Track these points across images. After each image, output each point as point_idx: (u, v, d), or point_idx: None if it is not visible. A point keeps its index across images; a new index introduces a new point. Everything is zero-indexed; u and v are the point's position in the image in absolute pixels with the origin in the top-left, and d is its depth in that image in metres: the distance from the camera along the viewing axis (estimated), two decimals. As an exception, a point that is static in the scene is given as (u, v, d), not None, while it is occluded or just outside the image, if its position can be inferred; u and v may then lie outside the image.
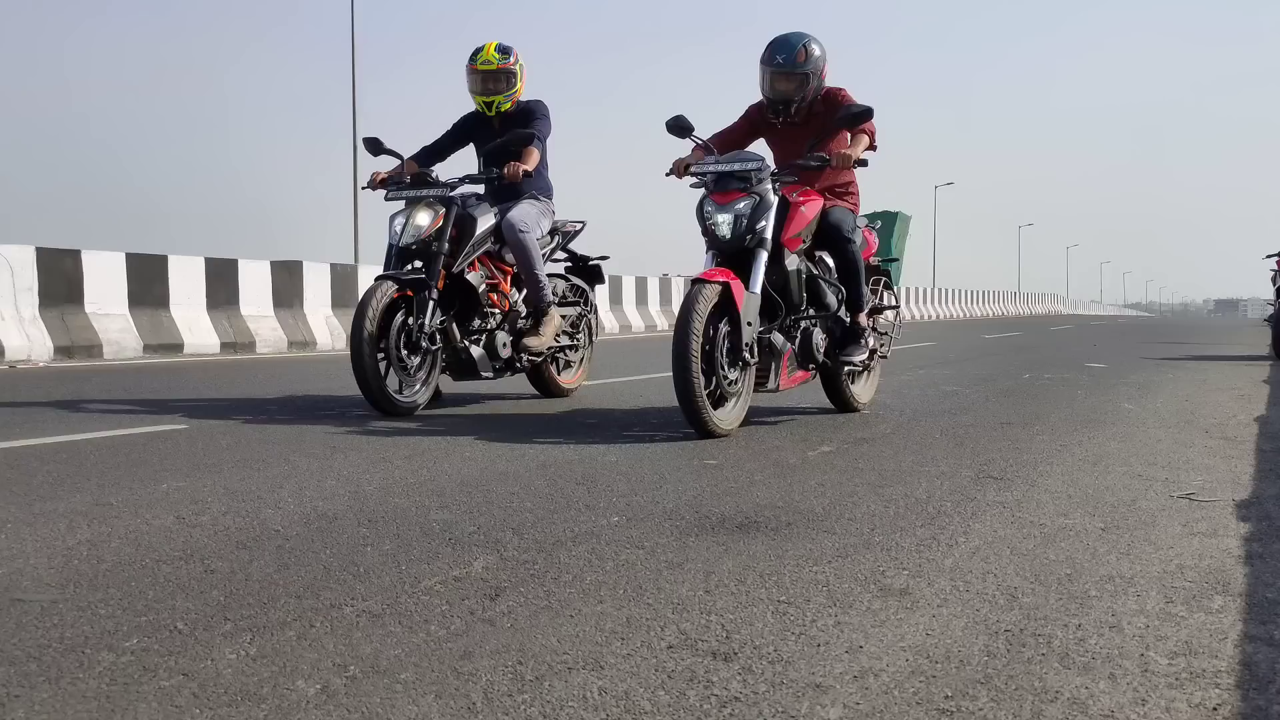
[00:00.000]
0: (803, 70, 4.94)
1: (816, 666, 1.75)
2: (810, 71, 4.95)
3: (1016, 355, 11.69)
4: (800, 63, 4.94)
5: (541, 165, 5.85)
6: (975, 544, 2.62)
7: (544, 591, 2.17)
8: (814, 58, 4.96)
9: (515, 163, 5.58)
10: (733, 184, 4.70)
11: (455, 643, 1.86)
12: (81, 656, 1.78)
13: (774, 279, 4.77)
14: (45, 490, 3.23)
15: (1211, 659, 1.81)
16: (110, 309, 10.09)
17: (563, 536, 2.66)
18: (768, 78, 5.03)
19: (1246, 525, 2.87)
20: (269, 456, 3.92)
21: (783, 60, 4.96)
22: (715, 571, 2.34)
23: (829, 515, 2.94)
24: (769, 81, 5.04)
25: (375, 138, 5.74)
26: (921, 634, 1.92)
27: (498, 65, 5.72)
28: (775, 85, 5.01)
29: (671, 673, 1.73)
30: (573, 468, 3.73)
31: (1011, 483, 3.49)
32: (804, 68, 4.94)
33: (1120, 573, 2.36)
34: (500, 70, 5.73)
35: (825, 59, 5.01)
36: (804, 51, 4.94)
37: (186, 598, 2.11)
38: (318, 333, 12.22)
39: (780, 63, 4.96)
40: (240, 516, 2.88)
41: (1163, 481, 3.54)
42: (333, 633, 1.91)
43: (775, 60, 4.97)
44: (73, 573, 2.30)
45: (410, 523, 2.81)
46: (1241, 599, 2.17)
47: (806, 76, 4.96)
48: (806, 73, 4.95)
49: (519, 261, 5.70)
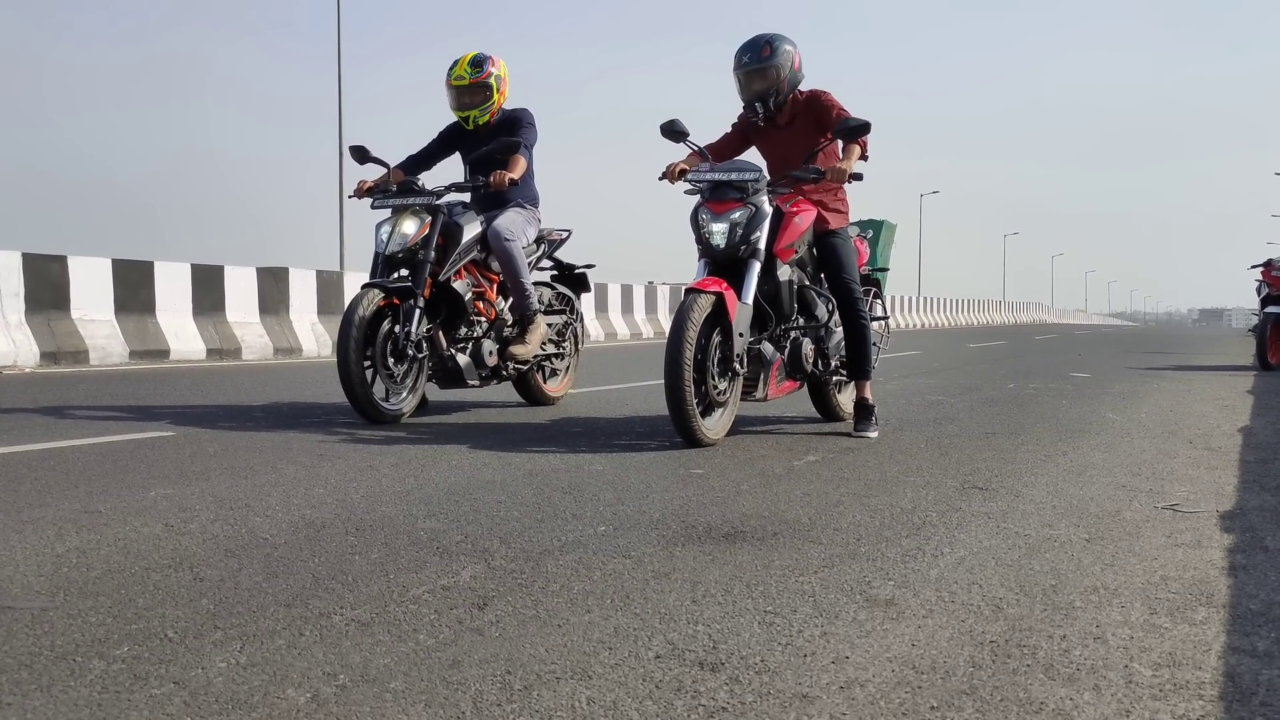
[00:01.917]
0: (772, 64, 4.98)
1: (803, 677, 1.77)
2: (779, 64, 4.99)
3: (1001, 364, 11.73)
4: (766, 57, 4.98)
5: (527, 173, 5.86)
6: (960, 554, 2.64)
7: (532, 601, 2.18)
8: (780, 50, 4.99)
9: (501, 171, 5.59)
10: (729, 193, 4.72)
11: (444, 652, 1.87)
12: (73, 664, 1.79)
13: (765, 289, 4.79)
14: (34, 497, 3.23)
15: (1195, 670, 1.83)
16: (96, 315, 10.06)
17: (550, 546, 2.67)
18: (741, 81, 5.09)
19: (1230, 536, 2.89)
20: (256, 464, 3.92)
21: (749, 60, 5.01)
22: (702, 581, 2.35)
23: (815, 525, 2.96)
24: (743, 84, 5.09)
25: (361, 146, 5.75)
26: (907, 644, 1.94)
27: (470, 80, 5.72)
28: (750, 86, 5.05)
29: (659, 683, 1.74)
30: (559, 476, 3.74)
31: (996, 493, 3.52)
32: (772, 60, 4.98)
33: (1105, 584, 2.38)
34: (474, 84, 5.73)
35: (796, 52, 5.05)
36: (768, 47, 4.99)
37: (176, 606, 2.12)
38: (303, 339, 12.19)
39: (747, 62, 5.01)
40: (229, 524, 2.88)
41: (1147, 492, 3.57)
42: (322, 641, 1.92)
43: (743, 61, 5.03)
44: (63, 580, 2.30)
45: (398, 531, 2.82)
46: (1225, 610, 2.19)
47: (776, 69, 5.00)
48: (775, 65, 4.99)
49: (504, 269, 5.71)
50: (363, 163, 5.75)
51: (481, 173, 5.72)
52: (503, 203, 5.79)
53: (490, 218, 5.72)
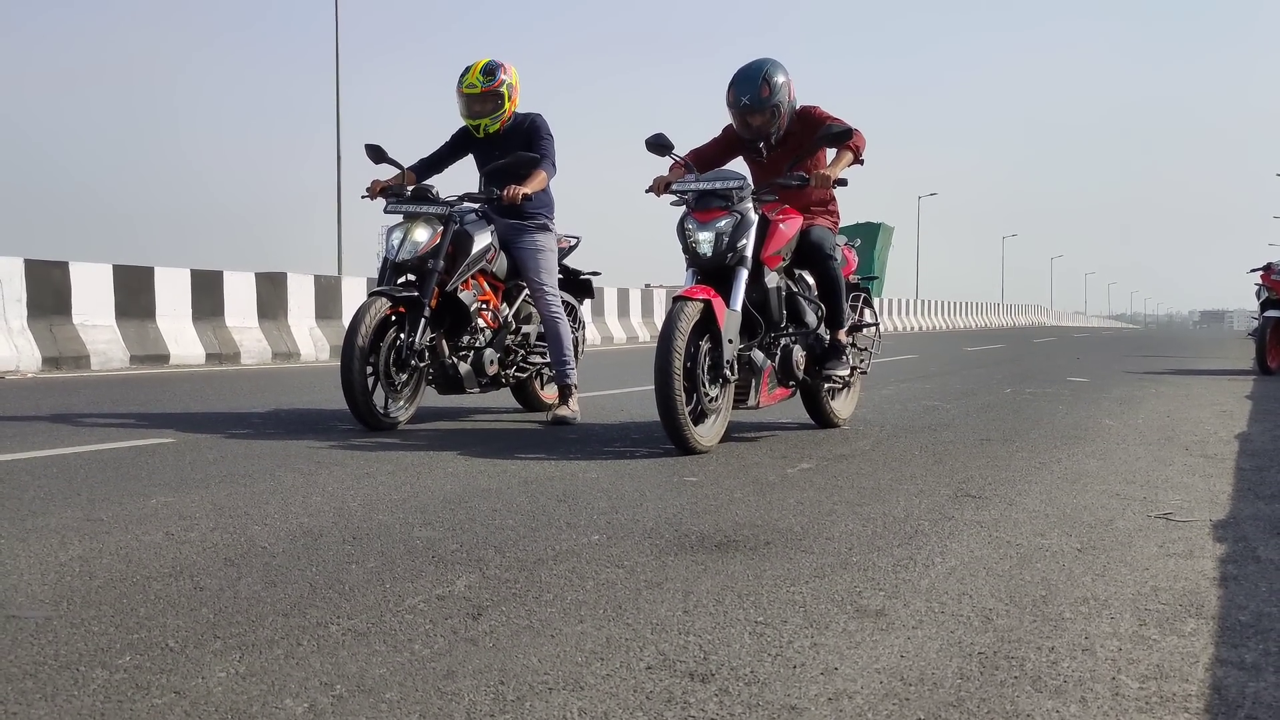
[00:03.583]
0: (771, 103, 4.97)
1: (792, 688, 1.80)
2: (778, 102, 4.98)
3: (998, 368, 11.76)
4: (765, 97, 4.96)
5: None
6: (952, 564, 2.67)
7: (525, 611, 2.21)
8: (777, 86, 4.96)
9: (515, 186, 5.56)
10: (714, 202, 4.74)
11: (439, 662, 1.90)
12: (76, 674, 1.81)
13: (754, 296, 4.81)
14: (37, 505, 3.26)
15: (1182, 683, 1.85)
16: (97, 320, 10.10)
17: (544, 555, 2.70)
18: (738, 118, 5.07)
19: (1222, 546, 2.91)
20: (255, 471, 3.95)
21: (748, 101, 4.97)
22: (694, 591, 2.38)
23: (807, 534, 2.98)
24: (740, 121, 5.07)
25: (377, 145, 5.74)
26: (896, 656, 1.96)
27: (482, 89, 5.69)
28: (748, 123, 5.04)
29: (650, 694, 1.76)
30: (554, 484, 3.76)
31: (989, 501, 3.54)
32: (771, 100, 4.97)
33: (1095, 594, 2.41)
34: (486, 93, 5.70)
35: (790, 82, 5.02)
36: (766, 86, 4.95)
37: (177, 615, 2.15)
38: (301, 344, 12.22)
39: (746, 104, 4.98)
40: (228, 533, 2.91)
41: (1140, 501, 3.59)
42: (319, 651, 1.94)
43: (741, 102, 4.99)
44: (66, 589, 2.33)
45: (394, 540, 2.84)
46: (1214, 622, 2.21)
47: (776, 107, 4.99)
48: (775, 104, 4.98)
49: (550, 342, 5.84)
50: (378, 162, 5.76)
51: (496, 184, 5.72)
52: (518, 213, 5.80)
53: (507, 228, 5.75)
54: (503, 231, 5.78)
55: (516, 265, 5.84)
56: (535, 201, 5.75)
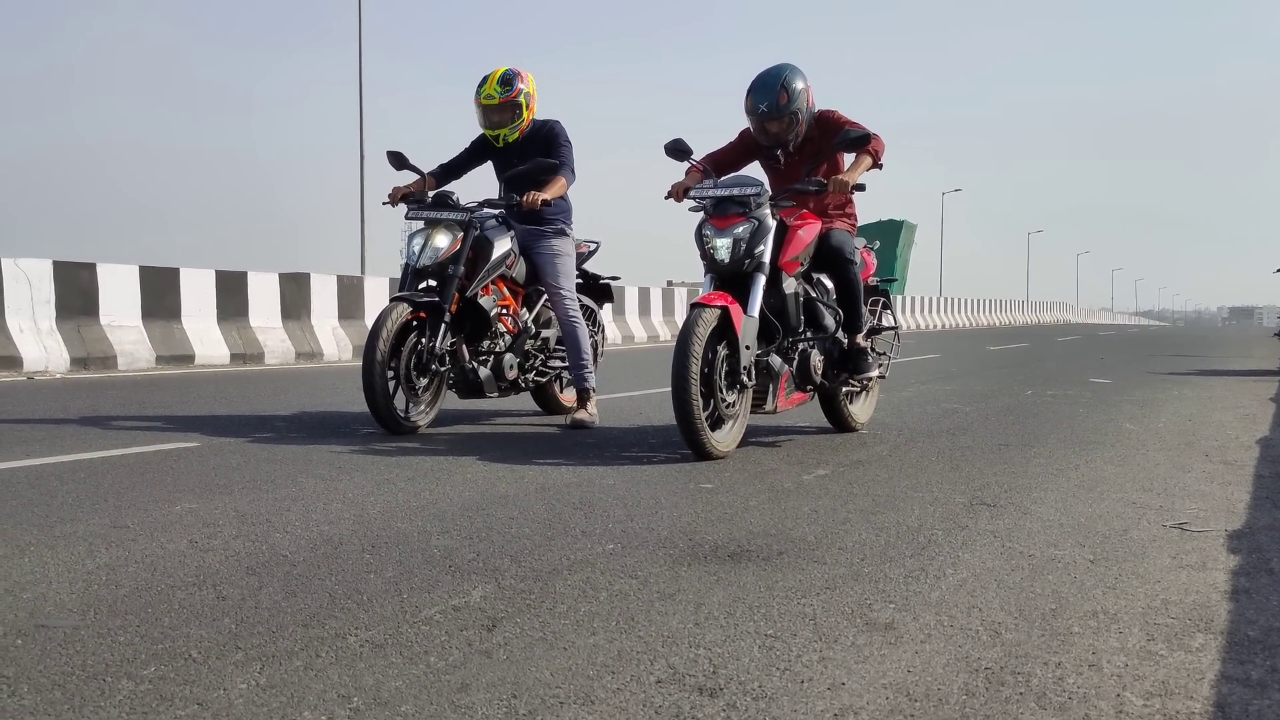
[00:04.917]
0: (790, 110, 4.98)
1: (799, 704, 1.83)
2: (797, 109, 4.99)
3: (1021, 369, 11.72)
4: (784, 105, 4.97)
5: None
6: (963, 576, 2.69)
7: (539, 623, 2.25)
8: (796, 93, 4.97)
9: (535, 192, 5.60)
10: (732, 208, 4.77)
11: (453, 675, 1.94)
12: (103, 684, 1.87)
13: (772, 302, 4.83)
14: (66, 511, 3.33)
15: (1186, 700, 1.87)
16: (124, 321, 10.23)
17: (559, 565, 2.74)
18: (756, 125, 5.09)
19: (1236, 558, 2.91)
20: (277, 477, 4.01)
21: (766, 109, 4.98)
22: (705, 603, 2.41)
23: (820, 544, 3.01)
24: (758, 128, 5.09)
25: (399, 152, 5.80)
26: (903, 671, 1.99)
27: (500, 100, 5.72)
28: (766, 130, 5.06)
29: (659, 708, 1.80)
30: (571, 491, 3.80)
31: (1004, 510, 3.56)
32: (790, 108, 4.98)
33: (1105, 608, 2.42)
34: (504, 103, 5.72)
35: (808, 88, 5.03)
36: (784, 92, 4.96)
37: (200, 625, 2.20)
38: (324, 344, 12.33)
39: (765, 111, 4.99)
40: (250, 540, 2.96)
41: (1156, 509, 3.59)
42: (337, 663, 1.99)
43: (759, 110, 5.00)
44: (93, 598, 2.39)
45: (412, 549, 2.89)
46: (1222, 637, 2.22)
47: (794, 114, 5.00)
48: (794, 111, 4.99)
49: (568, 346, 5.89)
50: (399, 169, 5.83)
51: (516, 190, 5.77)
52: (537, 219, 5.84)
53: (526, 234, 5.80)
54: (522, 237, 5.83)
55: (535, 270, 5.89)
56: (554, 207, 5.77)
